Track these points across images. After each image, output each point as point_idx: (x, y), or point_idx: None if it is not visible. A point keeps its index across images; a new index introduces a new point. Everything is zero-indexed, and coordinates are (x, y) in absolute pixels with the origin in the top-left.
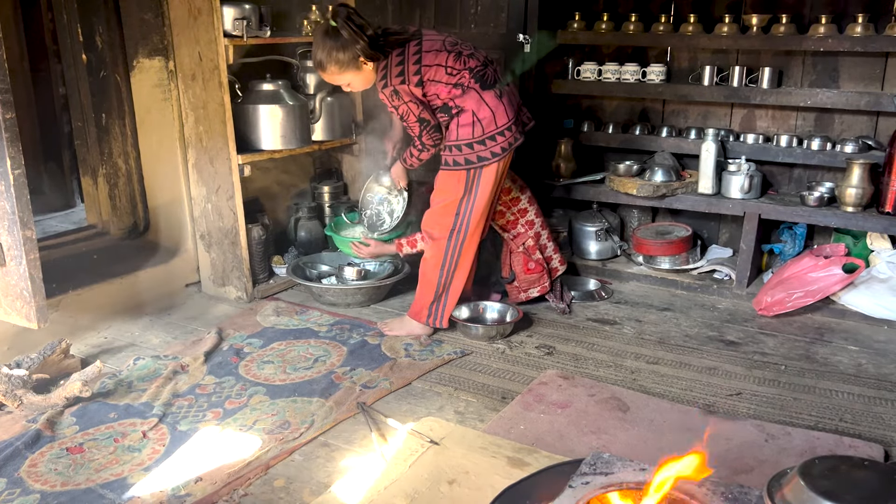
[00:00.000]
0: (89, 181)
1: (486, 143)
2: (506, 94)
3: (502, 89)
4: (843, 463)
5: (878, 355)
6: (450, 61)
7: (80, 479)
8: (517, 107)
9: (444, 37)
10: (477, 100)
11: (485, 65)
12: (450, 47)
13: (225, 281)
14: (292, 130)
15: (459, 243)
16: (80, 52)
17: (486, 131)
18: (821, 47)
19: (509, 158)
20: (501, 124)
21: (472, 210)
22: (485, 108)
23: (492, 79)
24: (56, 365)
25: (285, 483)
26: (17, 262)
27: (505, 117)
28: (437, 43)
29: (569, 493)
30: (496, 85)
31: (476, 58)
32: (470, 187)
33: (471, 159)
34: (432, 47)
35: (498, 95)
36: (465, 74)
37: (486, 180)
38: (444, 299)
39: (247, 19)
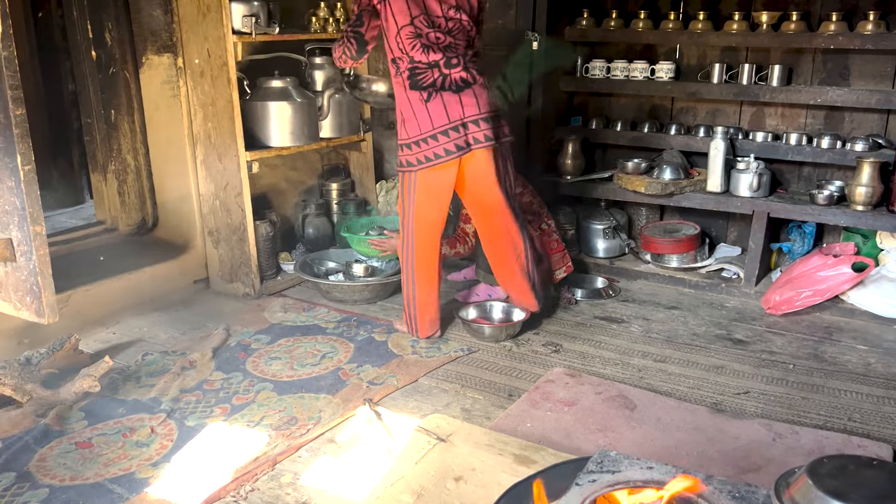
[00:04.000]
0: (98, 177)
1: (413, 147)
2: (437, 101)
3: (435, 94)
4: (852, 462)
5: (888, 355)
6: (405, 28)
7: (88, 473)
8: (460, 116)
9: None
10: (402, 97)
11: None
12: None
13: (233, 277)
14: (300, 127)
15: (409, 256)
16: (90, 48)
17: (411, 135)
18: (831, 45)
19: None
20: (425, 131)
21: (411, 219)
22: (408, 109)
23: (428, 83)
24: (65, 360)
25: (292, 479)
26: (26, 257)
27: (429, 124)
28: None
29: (575, 491)
30: (428, 89)
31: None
32: (406, 192)
33: (401, 161)
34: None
35: (423, 99)
36: (405, 59)
37: (421, 188)
38: (414, 312)
39: (255, 16)
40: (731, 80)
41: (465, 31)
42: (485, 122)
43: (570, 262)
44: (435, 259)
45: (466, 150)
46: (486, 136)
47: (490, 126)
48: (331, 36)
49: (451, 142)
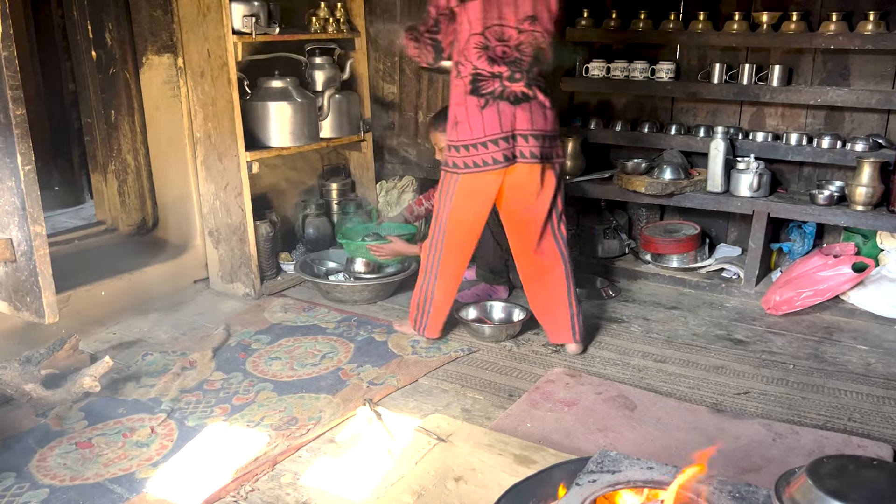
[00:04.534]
0: (99, 177)
1: (461, 150)
2: (493, 109)
3: (492, 102)
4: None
5: (888, 355)
6: (474, 36)
7: (88, 473)
8: (511, 128)
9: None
10: (460, 100)
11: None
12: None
13: (233, 277)
14: (301, 127)
15: (436, 255)
16: (90, 48)
17: (461, 138)
18: (831, 45)
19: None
20: (476, 137)
21: (445, 219)
22: (463, 112)
23: (487, 91)
24: (65, 360)
25: (292, 479)
26: (27, 257)
27: (481, 131)
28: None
29: (576, 492)
30: (486, 97)
31: (506, 64)
32: (445, 192)
33: (448, 161)
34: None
35: (480, 106)
36: (468, 66)
37: (462, 191)
38: (427, 310)
39: (255, 16)
40: (732, 80)
41: (535, 45)
42: (535, 138)
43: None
44: (462, 263)
45: (511, 162)
46: (532, 153)
47: (539, 144)
48: (331, 36)
49: (499, 151)
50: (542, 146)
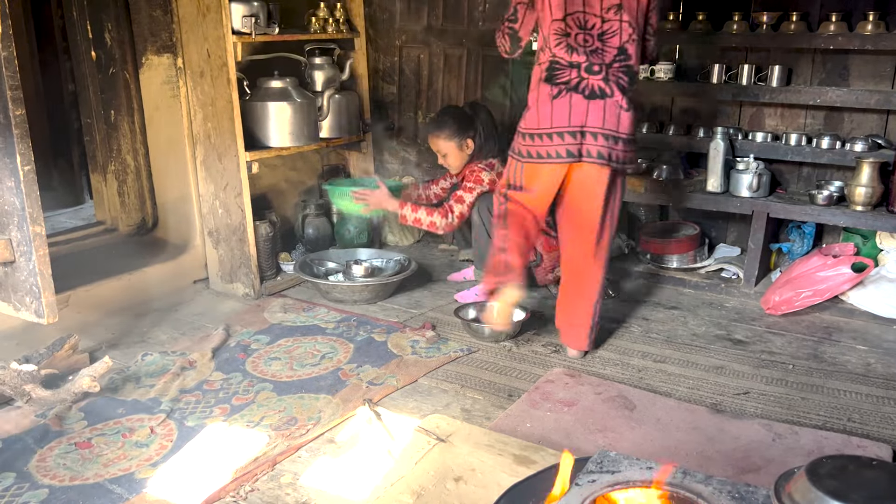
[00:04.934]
0: (98, 178)
1: (526, 138)
2: (564, 100)
3: (565, 93)
4: (852, 463)
5: (887, 355)
6: (555, 23)
7: (88, 473)
8: (581, 123)
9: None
10: (535, 86)
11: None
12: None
13: (232, 277)
14: (300, 128)
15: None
16: (90, 48)
17: (528, 126)
18: (830, 45)
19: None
20: (543, 127)
21: (516, 192)
22: (535, 99)
23: (562, 80)
24: (65, 360)
25: (292, 479)
26: (26, 257)
27: (548, 121)
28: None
29: (575, 492)
30: (560, 86)
31: (586, 53)
32: (513, 175)
33: (514, 148)
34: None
35: (552, 95)
36: (546, 52)
37: (527, 179)
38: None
39: (255, 16)
40: (731, 80)
41: (619, 35)
42: (605, 137)
43: None
44: (530, 229)
45: (576, 160)
46: (600, 153)
47: (608, 144)
48: (330, 36)
49: (563, 146)
50: (612, 148)
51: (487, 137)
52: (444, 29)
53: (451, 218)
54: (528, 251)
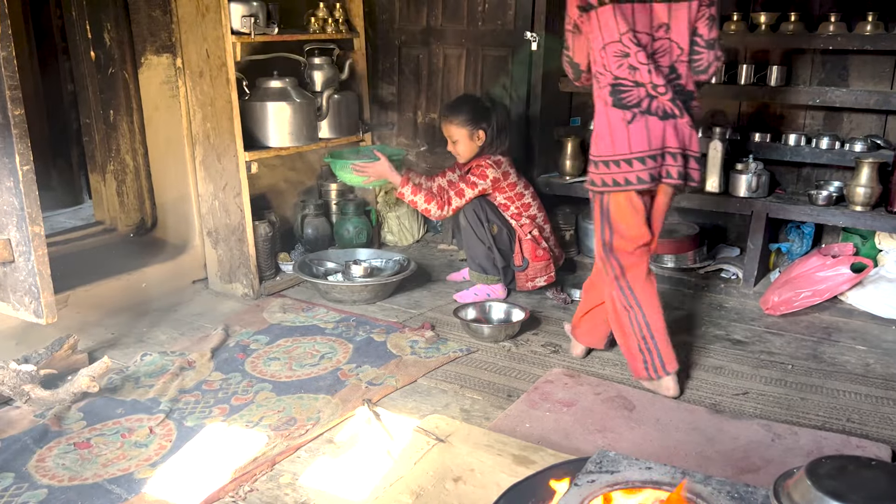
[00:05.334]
0: (97, 178)
1: (601, 166)
2: (641, 124)
3: (640, 116)
4: (851, 463)
5: (886, 355)
6: (611, 45)
7: (87, 474)
8: (661, 145)
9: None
10: (601, 112)
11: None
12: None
13: (232, 278)
14: (299, 128)
15: (624, 283)
16: (89, 48)
17: (602, 153)
18: (830, 45)
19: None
20: (620, 153)
21: (611, 239)
22: (605, 126)
23: (633, 102)
24: (64, 360)
25: (291, 479)
26: (25, 258)
27: (626, 147)
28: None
29: (574, 492)
30: (632, 109)
31: (648, 73)
32: (601, 214)
33: (592, 179)
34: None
35: (626, 120)
36: (607, 75)
37: (616, 211)
38: (654, 344)
39: (254, 16)
40: (730, 80)
41: (669, 54)
42: (683, 157)
43: (554, 272)
44: (650, 278)
45: (658, 182)
46: (680, 173)
47: (682, 164)
48: (329, 36)
49: (646, 170)
50: (688, 168)
51: (500, 132)
52: (444, 29)
53: (447, 210)
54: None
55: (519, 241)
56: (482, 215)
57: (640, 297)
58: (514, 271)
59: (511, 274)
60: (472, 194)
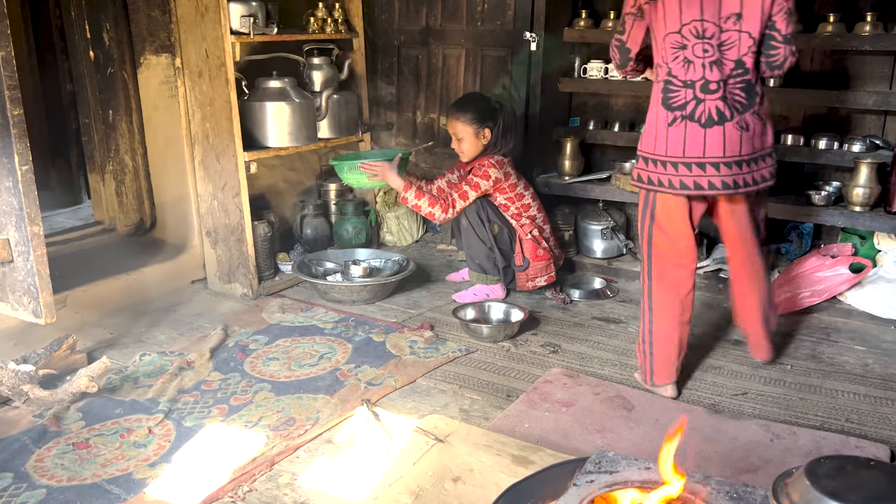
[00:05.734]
0: (96, 178)
1: (642, 162)
2: (679, 129)
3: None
4: (849, 463)
5: (885, 355)
6: (671, 35)
7: (86, 474)
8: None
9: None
10: (652, 107)
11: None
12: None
13: (231, 278)
14: (298, 128)
15: (647, 286)
16: (88, 48)
17: (645, 148)
18: (829, 46)
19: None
20: (658, 153)
21: (650, 244)
22: (652, 122)
23: (677, 105)
24: (62, 360)
25: (290, 479)
26: (24, 257)
27: (663, 149)
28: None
29: (573, 492)
30: (675, 112)
31: (704, 67)
32: (645, 211)
33: (636, 175)
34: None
35: (667, 122)
36: (664, 68)
37: (661, 210)
38: (648, 350)
39: (253, 16)
40: None
41: (737, 47)
42: (727, 166)
43: (554, 272)
44: (682, 287)
45: (695, 191)
46: (724, 184)
47: (732, 172)
48: (329, 36)
49: (678, 176)
50: (738, 174)
51: (505, 133)
52: (443, 29)
53: (451, 212)
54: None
55: (519, 241)
56: (483, 215)
57: (656, 304)
58: (515, 271)
59: (511, 274)
60: (476, 195)
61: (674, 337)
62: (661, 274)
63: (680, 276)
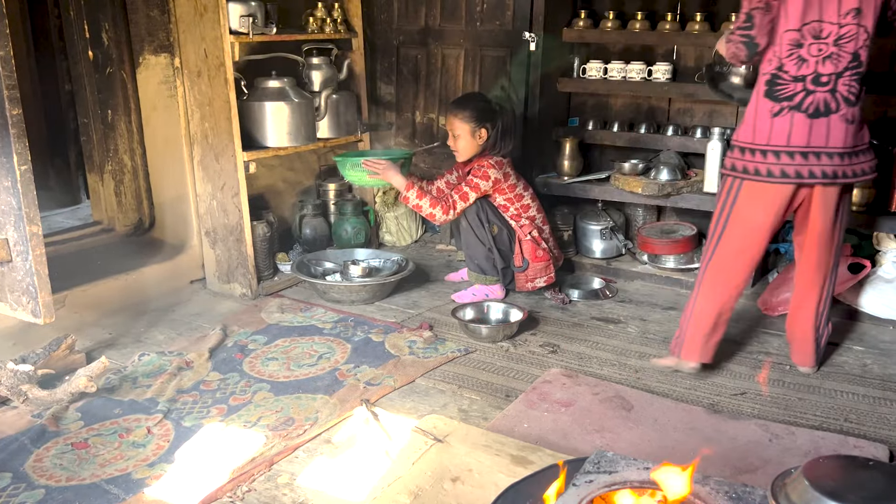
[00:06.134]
0: (95, 177)
1: (738, 151)
2: (785, 119)
3: (786, 112)
4: (848, 463)
5: (884, 356)
6: (789, 33)
7: (84, 474)
8: (803, 144)
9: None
10: (754, 97)
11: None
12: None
13: (230, 278)
14: (297, 128)
15: (704, 264)
16: (87, 48)
17: (742, 139)
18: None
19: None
20: (759, 143)
21: (722, 229)
22: (752, 112)
23: (785, 96)
24: (61, 360)
25: (289, 479)
26: (23, 257)
27: (765, 138)
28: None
29: (572, 492)
30: (782, 103)
31: (815, 64)
32: (726, 198)
33: (727, 163)
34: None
35: (772, 112)
36: (774, 61)
37: (744, 199)
38: (685, 327)
39: (253, 16)
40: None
41: (855, 41)
42: (828, 156)
43: (553, 273)
44: (735, 282)
45: (797, 181)
46: (824, 173)
47: (833, 162)
48: (328, 36)
49: (778, 165)
50: (839, 165)
51: (504, 135)
52: (442, 29)
53: (452, 213)
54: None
55: (519, 242)
56: (483, 216)
57: (706, 284)
58: (514, 272)
59: (510, 275)
60: (475, 196)
61: (709, 320)
62: (722, 260)
63: (740, 266)
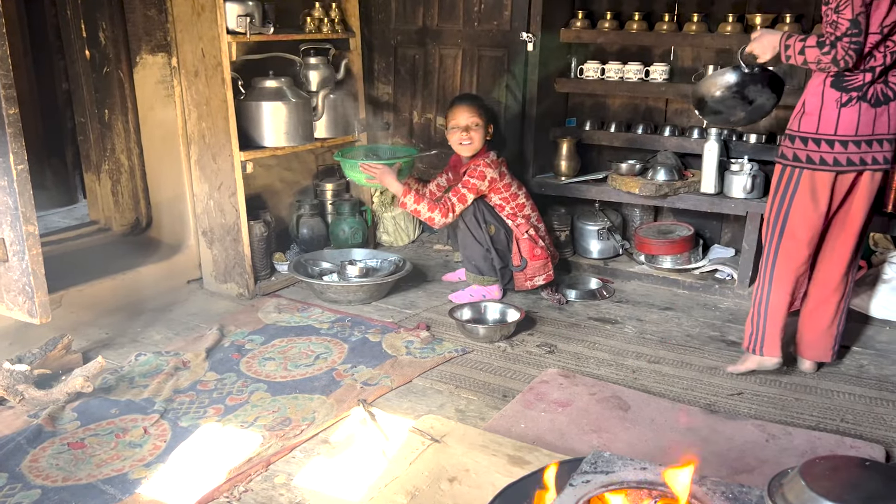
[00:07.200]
0: (92, 177)
1: (798, 142)
2: (854, 109)
3: (854, 102)
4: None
5: (880, 356)
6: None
7: (81, 474)
8: (868, 132)
9: None
10: (816, 90)
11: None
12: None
13: (227, 278)
14: (295, 127)
15: (770, 259)
16: (84, 47)
17: (804, 130)
18: None
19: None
20: (824, 133)
21: (783, 220)
22: (815, 104)
23: (854, 86)
24: (58, 360)
25: (286, 480)
26: (19, 257)
27: (831, 128)
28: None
29: (569, 492)
30: (850, 93)
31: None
32: (783, 187)
33: (785, 154)
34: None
35: (840, 102)
36: (840, 47)
37: (805, 187)
38: (762, 325)
39: (250, 16)
40: None
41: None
42: (889, 143)
43: (552, 270)
44: (800, 269)
45: (860, 167)
46: (886, 158)
47: (885, 149)
48: (325, 36)
49: (845, 154)
50: (888, 151)
51: (500, 135)
52: (440, 29)
53: (450, 217)
54: (800, 296)
55: (516, 241)
56: (480, 216)
57: (776, 278)
58: (512, 272)
59: (508, 275)
60: (473, 197)
61: (785, 311)
62: (787, 251)
63: (804, 255)
